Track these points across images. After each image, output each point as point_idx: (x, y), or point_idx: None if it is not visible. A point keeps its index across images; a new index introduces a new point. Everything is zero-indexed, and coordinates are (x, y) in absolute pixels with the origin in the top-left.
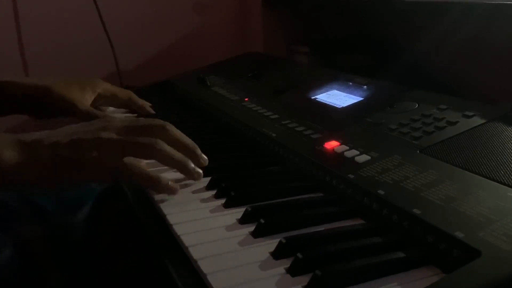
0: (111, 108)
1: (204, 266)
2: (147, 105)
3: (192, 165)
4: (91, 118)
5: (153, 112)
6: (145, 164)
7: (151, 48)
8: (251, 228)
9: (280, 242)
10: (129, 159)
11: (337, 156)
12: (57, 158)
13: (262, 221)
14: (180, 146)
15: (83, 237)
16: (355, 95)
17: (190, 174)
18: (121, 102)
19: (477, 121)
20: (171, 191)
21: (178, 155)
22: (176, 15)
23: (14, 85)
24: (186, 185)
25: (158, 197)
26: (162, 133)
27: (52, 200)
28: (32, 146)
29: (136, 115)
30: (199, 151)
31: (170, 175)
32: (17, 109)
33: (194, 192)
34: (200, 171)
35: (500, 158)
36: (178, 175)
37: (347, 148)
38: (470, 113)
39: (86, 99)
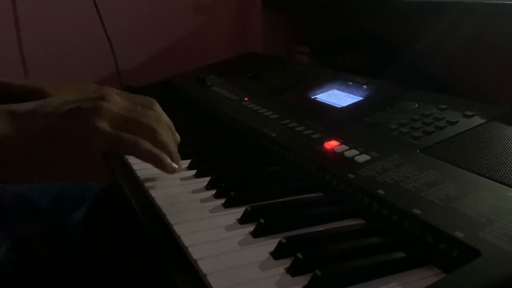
0: None
1: (204, 266)
2: None
3: (169, 160)
4: None
5: None
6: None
7: (151, 48)
8: (251, 228)
9: (280, 242)
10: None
11: (337, 156)
12: (53, 129)
13: (262, 221)
14: (161, 146)
15: (80, 237)
16: (355, 94)
17: (165, 169)
18: None
19: (477, 120)
20: (172, 170)
21: (156, 151)
22: (176, 15)
23: (5, 85)
24: (186, 185)
25: (157, 196)
26: (150, 134)
27: (49, 199)
28: (25, 117)
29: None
30: (176, 154)
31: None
32: None
33: (194, 192)
34: (176, 165)
35: (500, 158)
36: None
37: (347, 148)
38: (470, 113)
39: None
